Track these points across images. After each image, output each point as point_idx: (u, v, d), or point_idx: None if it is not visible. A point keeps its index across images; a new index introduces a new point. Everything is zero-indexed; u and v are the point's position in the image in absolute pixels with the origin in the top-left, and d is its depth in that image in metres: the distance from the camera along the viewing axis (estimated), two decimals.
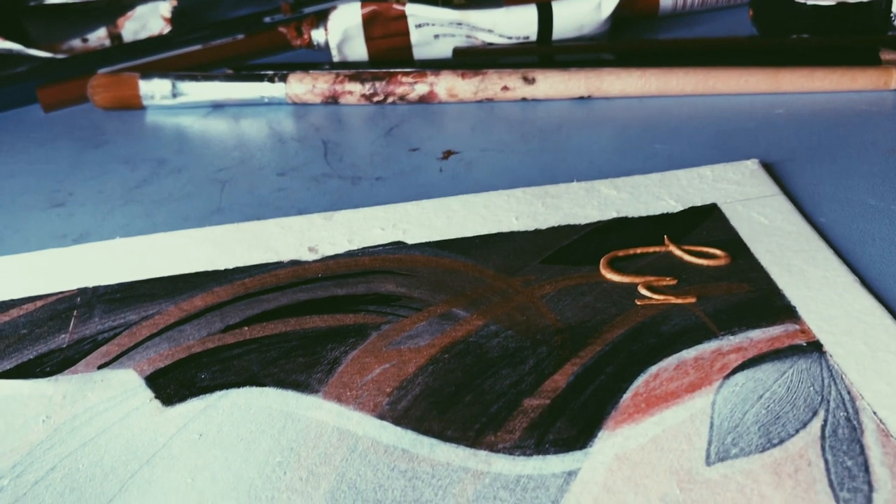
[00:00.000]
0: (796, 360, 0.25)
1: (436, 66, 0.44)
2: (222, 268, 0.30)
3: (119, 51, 0.48)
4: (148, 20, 0.51)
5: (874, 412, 0.23)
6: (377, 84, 0.42)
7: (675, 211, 0.32)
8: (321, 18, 0.46)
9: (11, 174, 0.39)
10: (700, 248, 0.30)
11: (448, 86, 0.42)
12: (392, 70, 0.43)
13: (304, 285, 0.29)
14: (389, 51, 0.46)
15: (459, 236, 0.31)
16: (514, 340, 0.26)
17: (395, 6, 0.45)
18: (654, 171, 0.35)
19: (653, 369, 0.25)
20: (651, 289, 0.28)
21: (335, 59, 0.46)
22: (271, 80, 0.42)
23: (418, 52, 0.46)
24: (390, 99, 0.42)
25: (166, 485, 0.22)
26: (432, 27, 0.45)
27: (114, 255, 0.32)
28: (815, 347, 0.25)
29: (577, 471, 0.22)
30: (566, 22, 0.45)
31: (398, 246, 0.31)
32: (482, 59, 0.45)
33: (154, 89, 0.43)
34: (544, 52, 0.45)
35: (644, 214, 0.32)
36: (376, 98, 0.42)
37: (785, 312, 0.26)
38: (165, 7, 0.51)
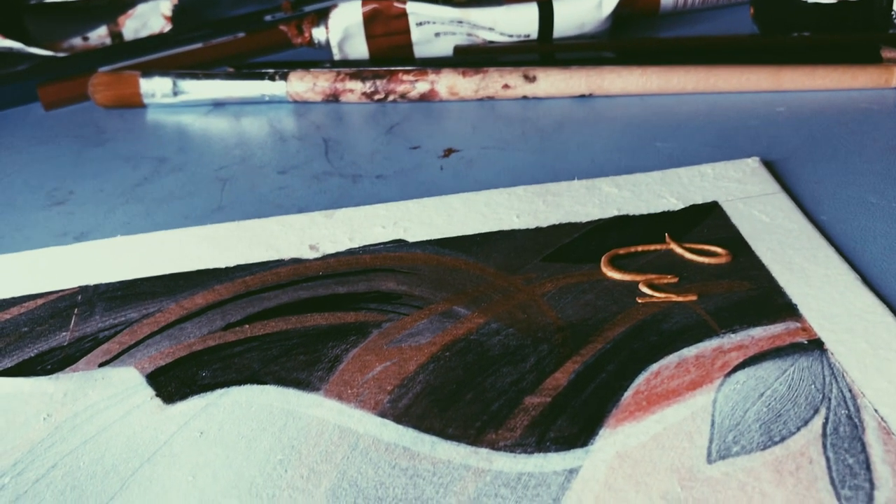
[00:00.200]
0: (797, 357, 0.25)
1: (437, 64, 0.43)
2: (223, 266, 0.30)
3: (120, 49, 0.48)
4: (149, 18, 0.51)
5: (875, 410, 0.23)
6: (378, 82, 0.42)
7: (676, 209, 0.32)
8: (322, 17, 0.46)
9: (12, 172, 0.39)
10: (701, 246, 0.30)
11: (449, 84, 0.42)
12: (393, 68, 0.43)
13: (305, 283, 0.29)
14: (390, 49, 0.46)
15: (460, 234, 0.31)
16: (515, 338, 0.26)
17: (396, 4, 0.45)
18: (655, 169, 0.35)
19: (654, 367, 0.25)
20: (652, 287, 0.28)
21: (336, 57, 0.46)
22: (272, 79, 0.42)
23: (419, 51, 0.46)
24: (391, 97, 0.42)
25: (167, 483, 0.22)
26: (433, 25, 0.45)
27: (115, 253, 0.32)
28: (816, 345, 0.25)
29: (579, 469, 0.22)
30: (567, 20, 0.45)
31: (399, 244, 0.31)
32: (483, 57, 0.45)
33: (155, 87, 0.43)
34: (545, 51, 0.45)
35: (645, 212, 0.32)
36: (377, 96, 0.42)
37: (786, 310, 0.26)
38: (166, 5, 0.51)
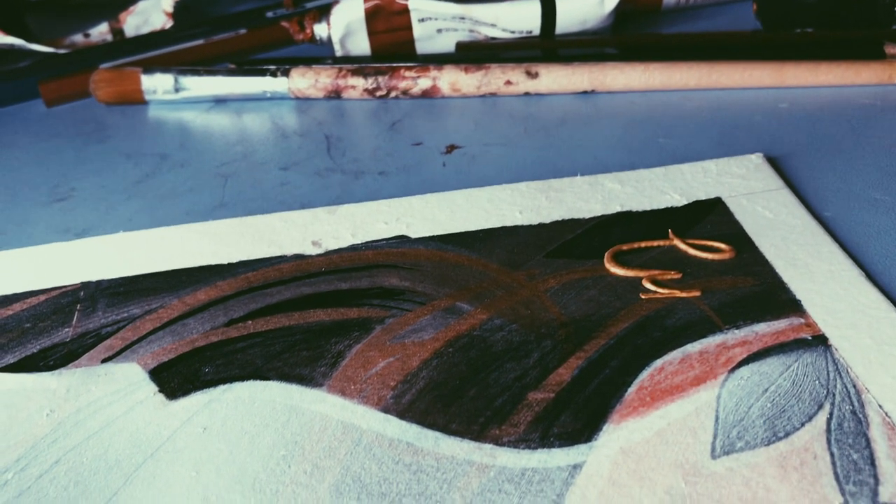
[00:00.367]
0: (801, 353, 0.25)
1: (439, 60, 0.43)
2: (226, 262, 0.30)
3: (121, 46, 0.48)
4: (150, 15, 0.51)
5: (880, 405, 0.23)
6: (380, 78, 0.42)
7: (679, 205, 0.32)
8: (324, 13, 0.46)
9: (14, 169, 0.39)
10: (704, 242, 0.29)
11: (451, 80, 0.42)
12: (395, 64, 0.43)
13: (308, 279, 0.29)
14: (392, 45, 0.46)
15: (463, 230, 0.31)
16: (518, 334, 0.26)
17: (398, 0, 0.45)
18: (657, 166, 0.34)
19: (658, 363, 0.25)
20: (655, 283, 0.28)
21: (338, 53, 0.46)
22: (274, 75, 0.42)
23: (421, 47, 0.46)
24: (393, 93, 0.42)
25: (171, 478, 0.22)
26: (435, 21, 0.45)
27: (117, 249, 0.32)
28: (820, 341, 0.25)
29: (582, 464, 0.22)
30: (569, 16, 0.45)
31: (402, 240, 0.31)
32: (485, 53, 0.45)
33: (156, 84, 0.43)
34: (547, 47, 0.45)
35: (648, 208, 0.32)
36: (379, 93, 0.42)
37: (790, 306, 0.26)
38: (167, 2, 0.51)
